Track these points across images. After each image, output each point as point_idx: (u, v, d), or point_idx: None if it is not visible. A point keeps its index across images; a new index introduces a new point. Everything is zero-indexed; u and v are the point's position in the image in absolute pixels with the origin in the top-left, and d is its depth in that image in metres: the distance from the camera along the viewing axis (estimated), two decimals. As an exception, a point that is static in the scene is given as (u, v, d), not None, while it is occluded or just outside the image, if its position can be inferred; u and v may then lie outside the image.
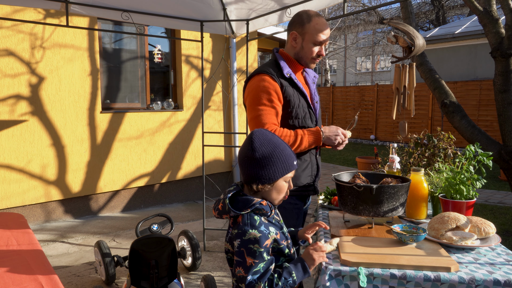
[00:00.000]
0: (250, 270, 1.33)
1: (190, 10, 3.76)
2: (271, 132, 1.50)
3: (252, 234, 1.36)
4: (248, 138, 1.46)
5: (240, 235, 1.37)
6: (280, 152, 1.45)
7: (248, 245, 1.34)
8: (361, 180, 1.85)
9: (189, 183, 6.00)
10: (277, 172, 1.43)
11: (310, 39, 2.02)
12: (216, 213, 1.47)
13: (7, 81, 4.37)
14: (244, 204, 1.40)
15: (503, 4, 3.69)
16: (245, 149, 1.45)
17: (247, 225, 1.38)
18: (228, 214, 1.42)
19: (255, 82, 2.00)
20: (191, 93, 5.87)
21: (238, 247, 1.36)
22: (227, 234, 1.47)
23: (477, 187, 1.87)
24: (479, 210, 5.43)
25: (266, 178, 1.43)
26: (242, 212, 1.39)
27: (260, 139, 1.44)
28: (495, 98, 3.89)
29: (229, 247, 1.44)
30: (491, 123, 10.68)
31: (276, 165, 1.43)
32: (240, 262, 1.35)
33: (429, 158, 2.80)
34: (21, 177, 4.51)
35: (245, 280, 1.32)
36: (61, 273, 3.46)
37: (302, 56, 2.07)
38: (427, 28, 20.26)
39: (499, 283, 1.33)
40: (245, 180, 1.47)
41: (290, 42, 2.08)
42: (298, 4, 3.44)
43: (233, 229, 1.42)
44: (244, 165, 1.44)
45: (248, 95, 2.02)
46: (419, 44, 2.15)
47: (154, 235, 2.57)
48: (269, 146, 1.44)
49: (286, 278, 1.37)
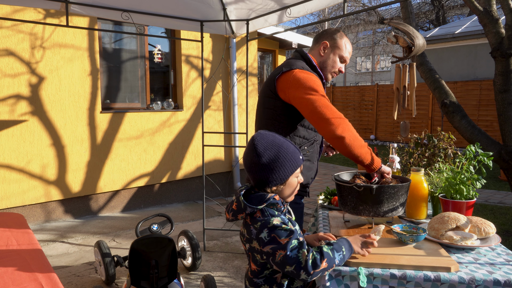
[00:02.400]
0: (287, 247, 1.33)
1: (190, 10, 3.76)
2: (270, 133, 1.50)
3: (276, 220, 1.39)
4: (250, 144, 1.46)
5: (265, 225, 1.38)
6: (285, 152, 1.45)
7: (276, 229, 1.36)
8: (361, 180, 1.85)
9: (189, 183, 6.00)
10: (287, 172, 1.45)
11: (339, 53, 2.14)
12: (230, 215, 1.46)
13: (7, 81, 4.37)
14: (259, 200, 1.42)
15: (503, 4, 3.69)
16: (250, 156, 1.45)
17: (267, 216, 1.40)
18: (244, 211, 1.42)
19: (302, 74, 1.96)
20: (191, 93, 5.87)
21: (267, 236, 1.36)
22: (249, 233, 1.43)
23: (477, 187, 1.87)
24: (479, 210, 5.43)
25: (277, 180, 1.44)
26: (259, 207, 1.40)
27: (263, 143, 1.45)
28: (495, 98, 3.89)
29: (256, 245, 1.40)
30: (491, 123, 10.68)
31: (284, 165, 1.44)
32: (276, 247, 1.34)
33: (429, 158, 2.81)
34: (21, 177, 4.51)
35: (288, 258, 1.32)
36: (61, 273, 3.46)
37: (326, 66, 2.17)
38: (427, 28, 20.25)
39: (499, 283, 1.33)
40: (256, 185, 1.48)
41: (318, 50, 2.17)
42: (298, 4, 3.44)
43: (254, 224, 1.41)
44: (252, 171, 1.45)
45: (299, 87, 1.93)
46: (419, 44, 2.15)
47: (154, 235, 2.57)
48: (273, 148, 1.44)
49: (337, 250, 1.38)
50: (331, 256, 1.35)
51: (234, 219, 1.47)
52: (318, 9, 3.52)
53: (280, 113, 2.03)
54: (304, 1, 3.38)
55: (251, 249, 1.44)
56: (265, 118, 2.10)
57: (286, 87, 1.96)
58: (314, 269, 1.31)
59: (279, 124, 2.04)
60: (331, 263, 1.34)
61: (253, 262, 1.47)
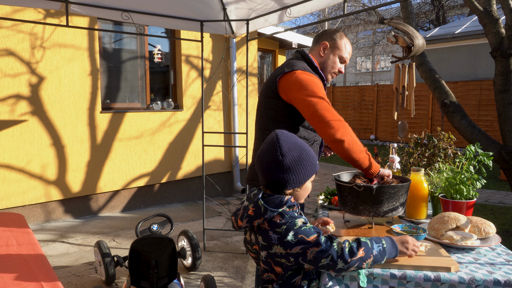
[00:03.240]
0: (319, 243, 1.31)
1: (190, 10, 3.76)
2: (291, 133, 1.47)
3: (300, 221, 1.36)
4: (273, 142, 1.40)
5: (291, 227, 1.33)
6: (307, 154, 1.42)
7: (302, 229, 1.33)
8: (361, 180, 1.85)
9: (189, 183, 6.00)
10: (306, 175, 1.42)
11: (338, 53, 2.14)
12: (244, 221, 1.39)
13: (7, 81, 4.37)
14: (277, 203, 1.37)
15: (503, 4, 3.69)
16: (272, 155, 1.39)
17: (289, 218, 1.36)
18: (263, 217, 1.35)
19: (304, 75, 1.95)
20: (191, 93, 5.87)
21: (294, 238, 1.31)
22: (266, 240, 1.36)
23: (477, 187, 1.87)
24: (479, 210, 5.43)
25: (296, 182, 1.41)
26: (280, 210, 1.36)
27: (288, 143, 1.40)
28: (495, 98, 3.90)
29: (280, 249, 1.34)
30: (491, 123, 10.68)
31: (305, 168, 1.41)
32: (306, 246, 1.31)
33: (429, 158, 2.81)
34: (21, 177, 4.51)
35: (322, 251, 1.30)
36: (61, 273, 3.46)
37: (326, 67, 2.17)
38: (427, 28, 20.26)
39: (499, 283, 1.33)
40: (271, 186, 1.42)
41: (318, 51, 2.17)
42: (298, 4, 3.44)
43: (276, 229, 1.35)
44: (271, 171, 1.39)
45: (301, 89, 1.92)
46: (419, 44, 2.15)
47: (154, 235, 2.57)
48: (297, 150, 1.41)
49: (376, 242, 1.37)
50: (369, 246, 1.34)
51: (248, 226, 1.39)
52: (318, 9, 3.52)
53: (281, 113, 2.03)
54: (304, 1, 3.38)
55: (271, 255, 1.37)
56: (266, 118, 2.10)
57: (288, 88, 1.96)
58: (352, 257, 1.30)
59: (279, 124, 2.04)
60: (368, 252, 1.33)
61: (275, 266, 1.38)
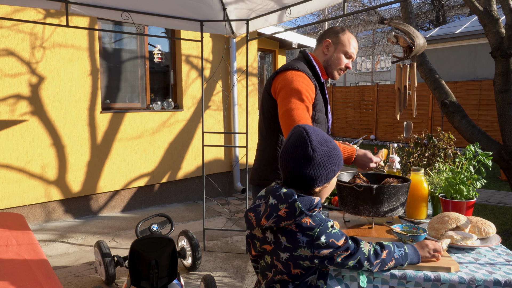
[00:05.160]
0: (349, 247, 1.32)
1: (190, 10, 3.76)
2: (314, 126, 1.43)
3: (330, 223, 1.33)
4: (302, 137, 1.34)
5: (324, 230, 1.29)
6: (335, 148, 1.38)
7: (333, 232, 1.31)
8: (361, 180, 1.85)
9: (189, 183, 6.00)
10: (335, 170, 1.38)
11: (342, 49, 2.12)
12: (270, 221, 1.30)
13: (7, 81, 4.37)
14: (306, 205, 1.30)
15: (503, 4, 3.69)
16: (303, 150, 1.32)
17: (319, 221, 1.30)
18: (295, 218, 1.28)
19: (292, 75, 1.96)
20: (191, 93, 5.87)
21: (326, 241, 1.28)
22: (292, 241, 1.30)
23: (477, 187, 1.87)
24: (479, 210, 5.43)
25: (326, 178, 1.36)
26: (314, 213, 1.31)
27: (317, 137, 1.34)
28: (495, 98, 3.89)
29: (307, 252, 1.29)
30: (491, 123, 10.69)
31: (334, 162, 1.36)
32: (335, 251, 1.30)
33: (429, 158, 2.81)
34: (21, 177, 4.51)
35: (350, 255, 1.32)
36: (61, 273, 3.46)
37: (331, 64, 2.14)
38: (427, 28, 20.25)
39: (499, 283, 1.33)
40: (297, 182, 1.35)
41: (321, 49, 2.16)
42: (298, 4, 3.44)
43: (306, 231, 1.29)
44: (302, 167, 1.33)
45: (284, 87, 1.95)
46: (419, 44, 2.15)
47: (154, 235, 2.57)
48: (326, 144, 1.35)
49: (397, 246, 1.39)
50: (391, 249, 1.37)
51: (274, 226, 1.32)
52: (318, 9, 3.53)
53: (274, 113, 2.04)
54: (304, 1, 3.38)
55: (293, 258, 1.31)
56: (266, 118, 2.11)
57: (276, 87, 1.99)
58: (376, 258, 1.34)
59: (274, 125, 2.05)
60: (390, 255, 1.36)
61: (294, 269, 1.33)
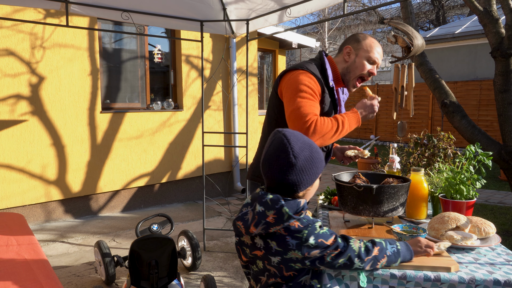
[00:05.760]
0: (338, 245, 1.32)
1: (190, 10, 3.76)
2: (295, 131, 1.43)
3: (318, 224, 1.34)
4: (282, 143, 1.34)
5: (312, 232, 1.30)
6: (316, 151, 1.39)
7: (321, 232, 1.32)
8: (361, 180, 1.85)
9: (189, 183, 6.00)
10: (317, 172, 1.39)
11: (364, 55, 2.03)
12: (259, 228, 1.31)
13: (7, 81, 4.37)
14: (293, 208, 1.31)
15: (503, 4, 3.69)
16: (284, 157, 1.33)
17: (307, 223, 1.31)
18: (283, 223, 1.29)
19: (299, 75, 1.93)
20: (191, 93, 5.87)
21: (315, 242, 1.30)
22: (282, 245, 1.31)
23: (477, 187, 1.87)
24: (479, 210, 5.43)
25: (309, 182, 1.37)
26: (301, 216, 1.32)
27: (298, 142, 1.35)
28: (495, 98, 3.90)
29: (297, 254, 1.30)
30: (491, 123, 10.68)
31: (316, 165, 1.38)
32: (325, 250, 1.31)
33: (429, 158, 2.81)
34: (21, 177, 4.51)
35: (340, 253, 1.32)
36: (61, 273, 3.46)
37: (351, 71, 2.06)
38: (427, 28, 20.25)
39: (499, 283, 1.33)
40: (283, 188, 1.36)
41: (342, 56, 2.08)
42: (298, 4, 3.44)
43: (295, 234, 1.30)
44: (284, 173, 1.33)
45: (289, 88, 1.93)
46: (418, 45, 2.15)
47: (154, 235, 2.57)
48: (307, 149, 1.36)
49: (390, 243, 1.39)
50: (384, 246, 1.38)
51: (263, 233, 1.33)
52: (318, 9, 3.53)
53: (278, 113, 2.02)
54: (304, 1, 3.38)
55: (285, 261, 1.32)
56: (270, 116, 2.09)
57: (283, 86, 1.97)
58: (368, 255, 1.35)
59: (279, 126, 2.03)
60: (382, 252, 1.37)
61: (287, 272, 1.34)
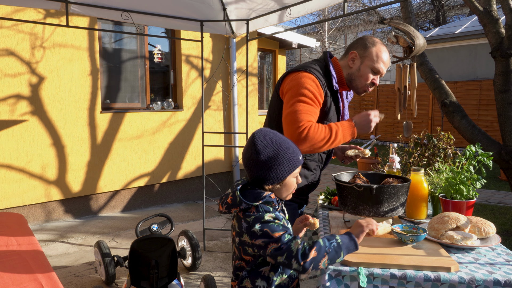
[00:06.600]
0: (281, 240, 1.35)
1: (190, 10, 3.76)
2: (272, 131, 1.50)
3: (270, 216, 1.40)
4: (251, 141, 1.47)
5: (259, 219, 1.39)
6: (285, 151, 1.45)
7: (269, 224, 1.38)
8: (361, 180, 1.85)
9: (189, 183, 6.00)
10: (284, 171, 1.45)
11: (369, 64, 1.93)
12: (224, 207, 1.46)
13: (7, 81, 4.37)
14: (255, 197, 1.42)
15: (503, 4, 3.69)
16: (249, 152, 1.45)
17: (262, 212, 1.41)
18: (239, 206, 1.42)
19: (301, 77, 1.87)
20: (191, 93, 5.87)
21: (260, 230, 1.37)
22: (240, 227, 1.44)
23: (477, 187, 1.87)
24: (479, 210, 5.43)
25: (275, 179, 1.45)
26: (254, 204, 1.41)
27: (263, 140, 1.45)
28: (495, 98, 3.89)
29: (247, 238, 1.41)
30: (491, 123, 10.68)
31: (282, 164, 1.44)
32: (268, 241, 1.36)
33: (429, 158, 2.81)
34: (21, 177, 4.51)
35: (280, 249, 1.34)
36: (61, 273, 3.46)
37: (354, 79, 1.97)
38: (427, 28, 20.25)
39: (499, 283, 1.33)
40: (253, 181, 1.48)
41: (347, 61, 1.99)
42: (298, 4, 3.44)
43: (246, 218, 1.42)
44: (250, 168, 1.46)
45: (291, 89, 1.88)
46: (420, 44, 2.15)
47: (154, 235, 2.57)
48: (273, 147, 1.44)
49: (328, 239, 1.39)
50: (321, 245, 1.36)
51: (227, 212, 1.47)
52: (318, 9, 3.53)
53: (278, 114, 1.99)
54: (304, 1, 3.38)
55: (242, 243, 1.44)
56: (270, 116, 2.07)
57: (285, 87, 1.93)
58: (304, 258, 1.32)
59: (279, 126, 2.02)
60: (321, 251, 1.35)
61: (244, 255, 1.47)
